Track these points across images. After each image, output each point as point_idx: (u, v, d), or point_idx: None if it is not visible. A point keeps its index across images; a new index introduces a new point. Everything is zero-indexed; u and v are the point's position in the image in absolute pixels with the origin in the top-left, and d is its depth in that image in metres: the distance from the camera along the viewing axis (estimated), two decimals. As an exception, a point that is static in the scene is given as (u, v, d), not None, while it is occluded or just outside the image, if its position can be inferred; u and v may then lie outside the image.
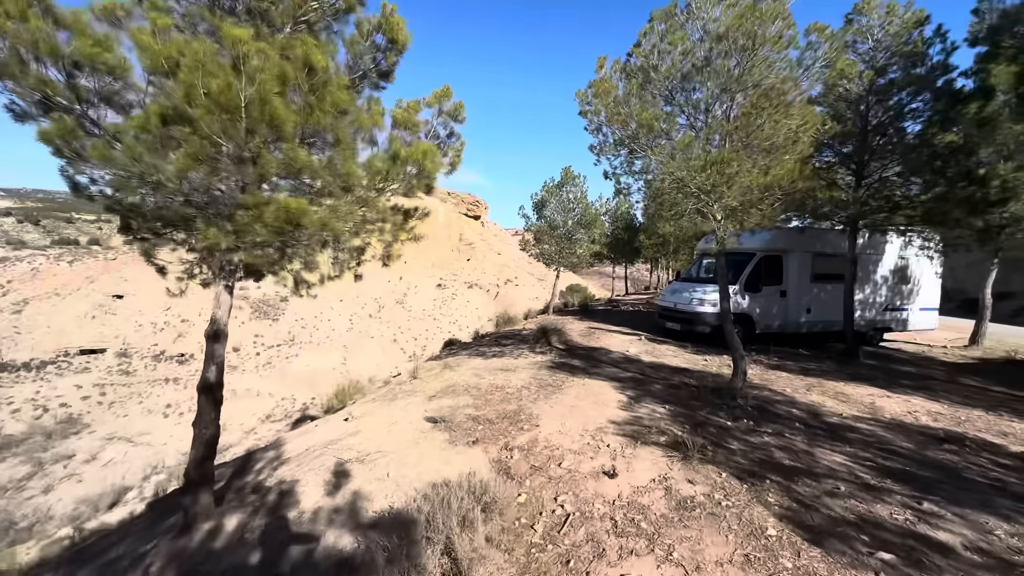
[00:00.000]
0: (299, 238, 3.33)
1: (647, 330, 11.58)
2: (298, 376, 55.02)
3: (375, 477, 4.27)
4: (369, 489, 4.05)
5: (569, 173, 15.64)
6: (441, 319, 67.20)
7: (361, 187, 3.55)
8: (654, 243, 23.94)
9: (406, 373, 8.55)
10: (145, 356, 55.86)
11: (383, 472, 4.39)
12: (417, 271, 73.14)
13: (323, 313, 64.26)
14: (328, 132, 3.39)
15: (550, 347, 9.44)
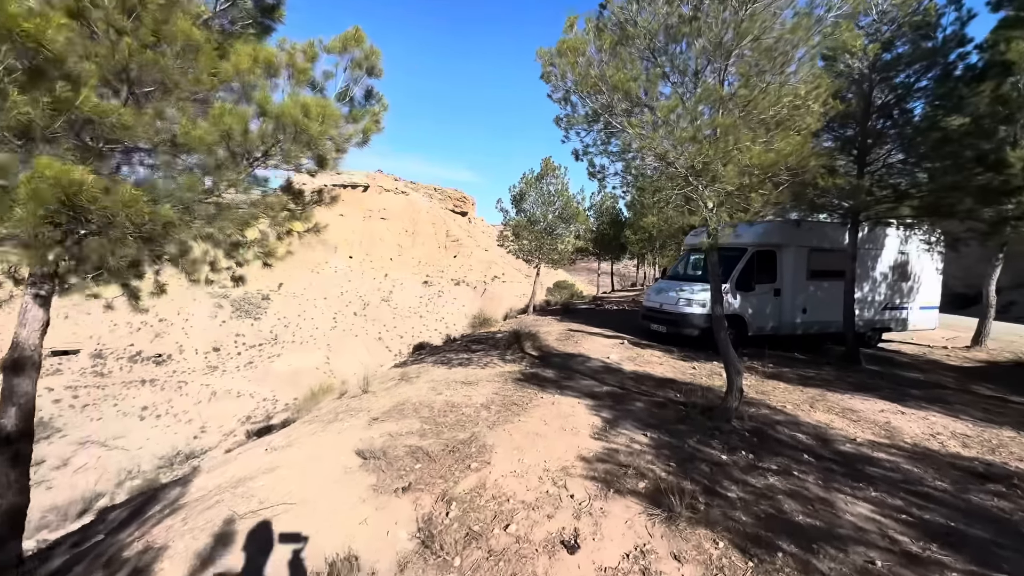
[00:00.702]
0: (99, 227, 2.24)
1: (631, 332, 10.61)
2: (280, 376, 53.45)
3: (259, 548, 3.20)
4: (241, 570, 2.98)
5: (549, 164, 14.59)
6: (427, 316, 65.92)
7: (208, 153, 2.47)
8: (640, 238, 23.02)
9: (356, 386, 7.46)
10: (121, 357, 53.92)
11: (275, 534, 3.33)
12: (403, 268, 71.71)
13: (306, 312, 62.59)
14: (152, 71, 2.30)
15: (523, 354, 8.40)
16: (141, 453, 42.66)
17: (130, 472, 40.53)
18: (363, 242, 70.83)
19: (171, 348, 54.90)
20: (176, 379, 51.52)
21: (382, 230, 72.68)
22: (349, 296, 64.70)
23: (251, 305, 60.52)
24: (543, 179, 14.72)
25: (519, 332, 8.82)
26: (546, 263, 15.26)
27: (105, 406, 48.20)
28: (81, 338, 54.47)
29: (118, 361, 53.16)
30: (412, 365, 9.05)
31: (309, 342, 57.45)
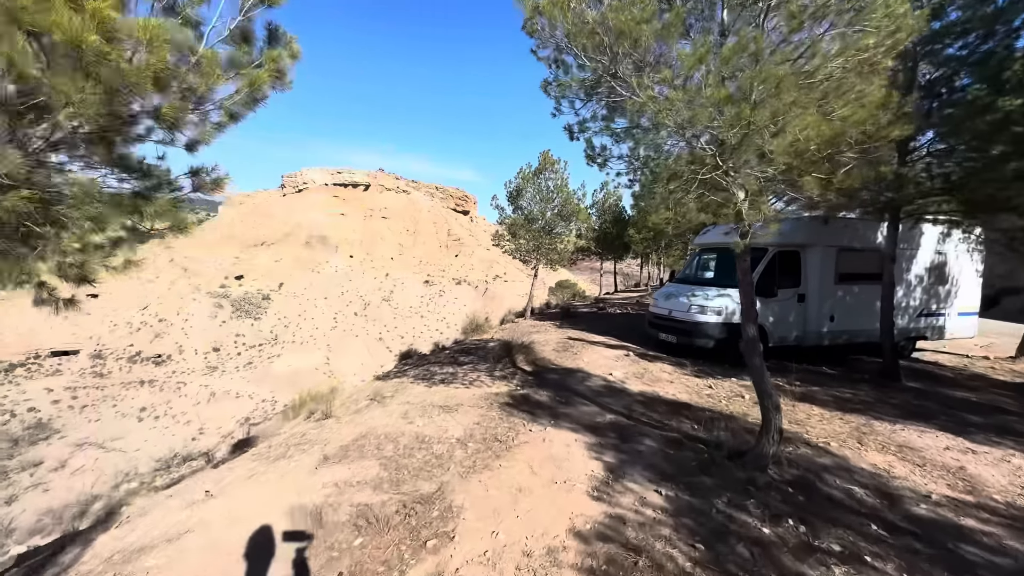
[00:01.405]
0: None
1: (637, 341, 9.52)
2: (280, 377, 52.60)
3: None
4: None
5: (548, 158, 13.49)
6: (428, 316, 64.95)
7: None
8: (644, 237, 21.87)
9: (319, 411, 6.41)
10: (120, 357, 53.26)
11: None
12: (404, 267, 70.74)
13: (307, 312, 61.74)
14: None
15: (514, 369, 7.33)
16: (139, 455, 41.93)
17: (127, 475, 39.73)
18: (364, 241, 69.91)
19: (171, 348, 54.18)
20: (175, 380, 50.79)
21: (383, 229, 71.75)
22: (350, 296, 63.81)
23: (251, 305, 59.73)
24: (541, 174, 13.63)
25: (511, 344, 7.75)
26: (544, 263, 14.18)
27: (104, 407, 47.55)
28: (81, 338, 53.87)
29: (117, 361, 52.49)
30: (393, 379, 8.00)
31: (309, 342, 56.59)
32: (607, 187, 25.50)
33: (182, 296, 58.24)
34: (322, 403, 9.00)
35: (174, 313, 57.30)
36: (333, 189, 72.94)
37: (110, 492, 29.70)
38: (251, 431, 9.37)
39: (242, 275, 62.36)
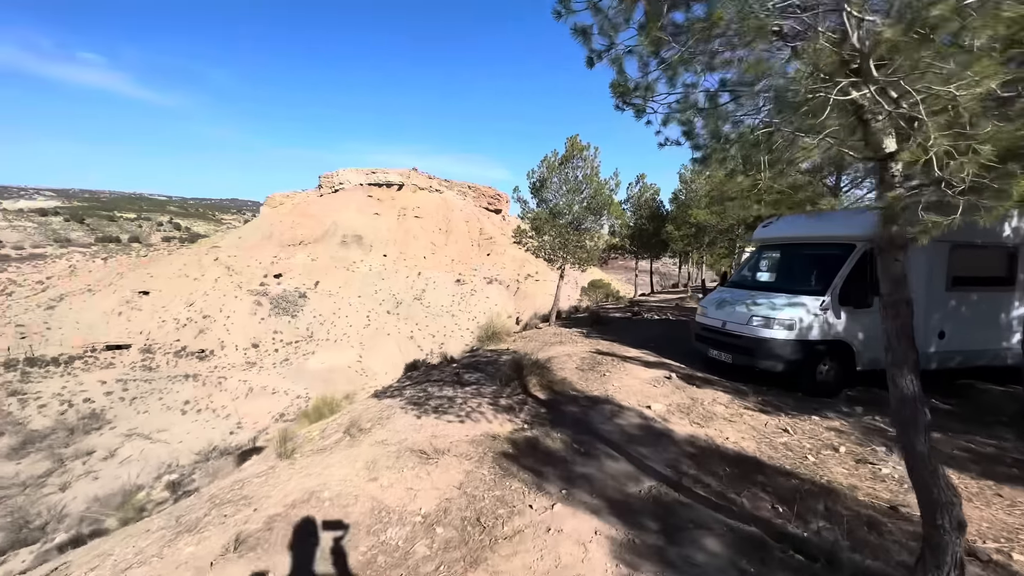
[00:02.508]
0: None
1: (679, 357, 7.74)
2: (314, 374, 52.96)
3: None
4: None
5: (576, 144, 11.80)
6: (460, 315, 64.16)
7: None
8: (685, 234, 19.76)
9: (274, 443, 5.07)
10: (168, 352, 55.02)
11: None
12: (436, 266, 70.19)
13: (341, 310, 62.15)
14: None
15: (525, 396, 5.77)
16: (181, 447, 42.98)
17: (169, 466, 40.75)
18: (397, 240, 69.88)
19: (213, 344, 55.58)
20: (217, 375, 51.97)
21: (416, 228, 71.52)
22: (383, 295, 63.82)
23: (288, 303, 60.64)
24: (568, 162, 11.95)
25: (521, 362, 6.17)
26: (572, 263, 12.50)
27: (151, 399, 49.14)
28: (133, 333, 55.98)
29: (165, 356, 54.26)
30: (386, 398, 6.62)
31: (343, 340, 56.84)
32: (643, 180, 23.45)
33: (224, 293, 59.76)
34: (307, 426, 7.72)
35: (217, 310, 58.85)
36: (368, 189, 73.34)
37: (152, 483, 29.59)
38: (187, 479, 8.18)
39: (281, 273, 63.46)
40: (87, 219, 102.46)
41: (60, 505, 35.16)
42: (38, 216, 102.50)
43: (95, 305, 57.50)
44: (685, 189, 20.28)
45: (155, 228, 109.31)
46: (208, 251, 65.76)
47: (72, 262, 71.05)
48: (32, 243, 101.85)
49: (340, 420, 6.11)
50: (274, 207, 70.51)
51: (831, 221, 6.66)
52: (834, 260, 6.33)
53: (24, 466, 39.66)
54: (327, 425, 6.35)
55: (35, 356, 50.05)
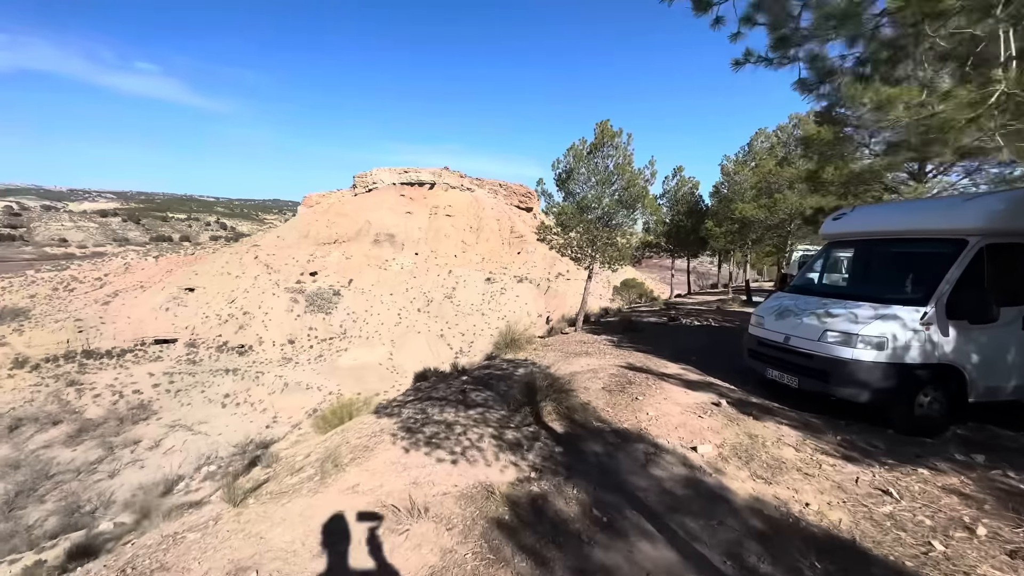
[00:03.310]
0: None
1: (727, 376, 6.43)
2: (346, 370, 53.46)
3: None
4: None
5: (606, 130, 10.53)
6: (489, 314, 63.42)
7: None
8: (727, 230, 18.04)
9: (222, 488, 4.18)
10: (210, 347, 56.85)
11: None
12: (466, 265, 69.68)
13: (373, 307, 62.60)
14: None
15: (538, 428, 4.66)
16: (220, 439, 44.10)
17: (208, 458, 41.88)
18: (428, 239, 69.85)
19: (252, 339, 57.06)
20: (255, 369, 53.25)
21: (447, 227, 71.28)
22: (414, 293, 63.86)
23: (323, 300, 61.57)
24: (598, 151, 10.70)
25: (534, 384, 5.04)
26: (601, 262, 11.25)
27: (194, 392, 50.77)
28: (179, 328, 58.16)
29: (208, 350, 56.09)
30: (383, 417, 5.71)
31: (374, 337, 57.16)
32: (680, 174, 21.74)
33: (263, 291, 61.27)
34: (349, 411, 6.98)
35: (256, 306, 60.42)
36: (400, 188, 73.67)
37: (192, 473, 30.36)
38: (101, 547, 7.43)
39: (316, 271, 64.54)
40: (143, 219, 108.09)
41: (108, 492, 36.63)
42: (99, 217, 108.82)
43: (145, 301, 60.13)
44: (727, 182, 18.54)
45: (204, 228, 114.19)
46: (249, 250, 67.70)
47: (127, 260, 74.78)
48: (94, 242, 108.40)
49: (327, 444, 5.22)
50: (311, 207, 71.88)
51: (932, 210, 5.22)
52: (938, 260, 4.90)
53: (79, 452, 41.61)
54: (312, 450, 5.48)
55: (91, 349, 52.70)
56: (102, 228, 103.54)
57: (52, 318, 54.07)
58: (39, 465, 38.96)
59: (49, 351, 49.68)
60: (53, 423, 44.27)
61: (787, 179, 13.24)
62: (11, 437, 42.08)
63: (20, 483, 36.39)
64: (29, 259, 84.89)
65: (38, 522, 31.78)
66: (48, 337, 50.47)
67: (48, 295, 63.52)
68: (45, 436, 42.65)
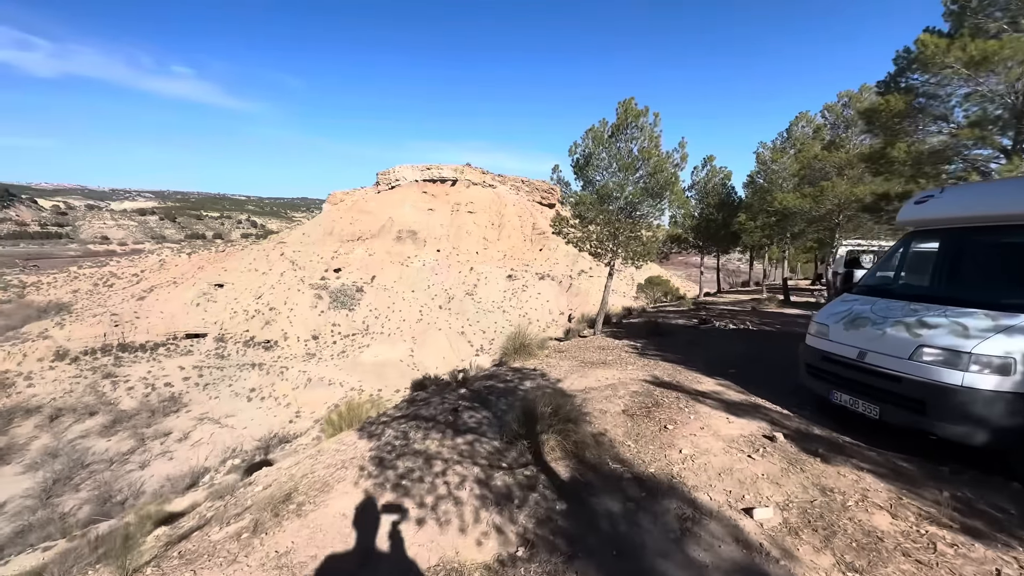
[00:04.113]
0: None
1: (776, 395, 5.22)
2: (368, 367, 53.43)
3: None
4: None
5: (630, 109, 9.31)
6: (511, 312, 62.41)
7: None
8: (764, 223, 16.47)
9: (112, 557, 3.29)
10: (237, 341, 57.75)
11: None
12: (488, 262, 68.76)
13: (395, 304, 62.44)
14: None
15: (536, 470, 3.60)
16: (245, 433, 44.60)
17: (233, 450, 42.39)
18: (450, 236, 69.29)
19: (278, 335, 57.70)
20: (279, 364, 53.79)
21: (469, 224, 70.57)
22: (435, 290, 63.41)
23: (346, 296, 61.77)
24: (621, 133, 9.51)
25: (534, 410, 3.96)
26: (624, 258, 10.06)
27: (222, 386, 51.61)
28: (208, 323, 59.29)
29: (235, 345, 57.00)
30: (361, 438, 4.79)
31: (396, 334, 56.95)
32: (711, 163, 20.13)
33: (289, 287, 61.93)
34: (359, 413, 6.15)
35: (282, 302, 61.11)
36: (423, 185, 73.34)
37: (217, 466, 30.61)
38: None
39: (340, 268, 64.87)
40: (178, 217, 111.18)
41: (139, 482, 37.36)
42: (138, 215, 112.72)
43: (178, 296, 61.58)
44: (763, 171, 16.92)
45: (235, 225, 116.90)
46: (275, 246, 68.63)
47: (162, 257, 76.97)
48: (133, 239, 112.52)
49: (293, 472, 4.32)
50: (335, 204, 72.33)
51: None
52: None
53: (112, 443, 42.67)
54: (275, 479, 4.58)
55: (126, 342, 54.22)
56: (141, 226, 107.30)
57: (91, 312, 55.89)
58: (76, 454, 40.01)
59: (87, 344, 51.31)
60: (90, 414, 45.59)
61: (835, 164, 11.71)
62: (51, 427, 43.48)
63: (58, 472, 37.37)
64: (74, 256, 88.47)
65: (72, 510, 32.54)
66: (87, 331, 52.13)
67: (89, 290, 65.93)
68: (82, 426, 43.93)
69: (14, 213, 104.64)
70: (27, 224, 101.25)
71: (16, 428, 42.25)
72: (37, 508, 32.68)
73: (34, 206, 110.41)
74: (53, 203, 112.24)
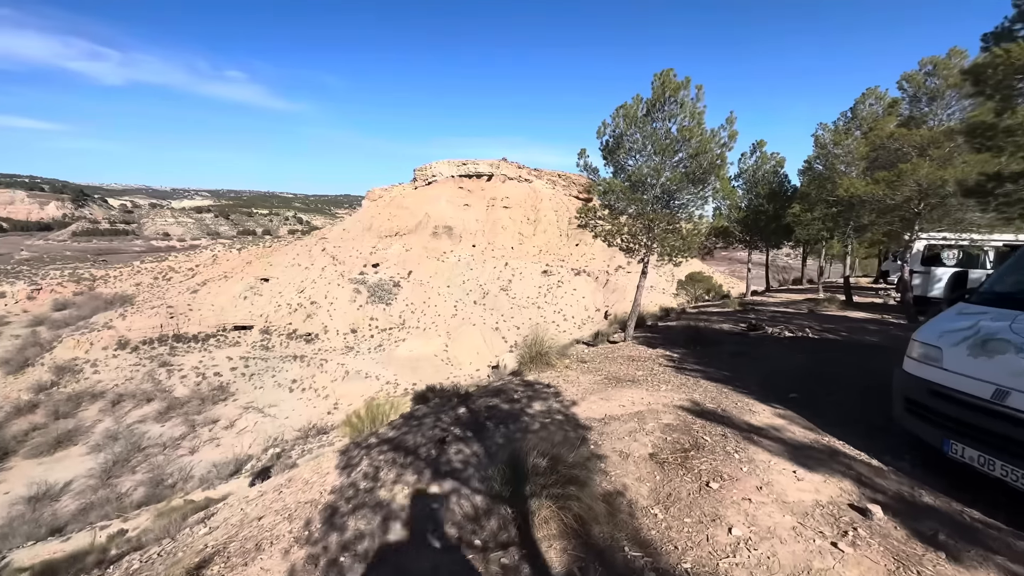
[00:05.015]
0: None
1: (858, 433, 3.95)
2: (403, 361, 53.78)
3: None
4: None
5: (669, 81, 7.99)
6: (545, 308, 61.18)
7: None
8: (824, 214, 14.53)
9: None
10: (281, 334, 59.62)
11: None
12: (523, 257, 67.71)
13: (431, 299, 62.59)
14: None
15: (520, 556, 2.58)
16: (286, 423, 45.86)
17: (275, 439, 43.61)
18: (485, 231, 68.70)
19: (318, 328, 59.15)
20: (319, 357, 55.08)
21: (504, 218, 69.72)
22: (470, 285, 63.06)
23: (384, 291, 62.49)
24: (658, 110, 8.21)
25: (522, 463, 2.92)
26: (660, 254, 8.78)
27: (266, 376, 53.39)
28: (255, 316, 61.56)
29: (279, 337, 58.90)
30: (332, 472, 3.94)
31: (431, 329, 57.04)
32: (761, 149, 18.18)
33: (329, 281, 63.30)
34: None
35: (323, 296, 62.57)
36: (459, 180, 73.08)
37: (260, 454, 31.25)
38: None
39: (378, 263, 65.68)
40: (231, 215, 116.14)
41: (188, 467, 39.03)
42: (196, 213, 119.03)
43: (228, 290, 64.23)
44: (823, 155, 14.95)
45: (283, 222, 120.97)
46: (317, 242, 70.37)
47: (215, 252, 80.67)
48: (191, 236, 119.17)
49: (231, 520, 3.50)
50: (374, 200, 73.34)
51: None
52: None
53: (166, 428, 44.88)
54: (196, 539, 3.80)
55: (180, 333, 57.04)
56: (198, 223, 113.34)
57: (150, 304, 59.16)
58: (133, 438, 42.22)
59: (146, 334, 54.27)
60: (147, 400, 48.17)
61: (916, 144, 9.89)
62: (113, 411, 46.22)
63: (117, 454, 39.44)
64: (138, 251, 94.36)
65: (128, 491, 34.30)
66: (145, 322, 55.15)
67: (149, 283, 70.02)
68: (140, 412, 46.44)
69: (88, 212, 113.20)
70: (99, 222, 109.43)
71: (83, 412, 45.20)
72: (98, 487, 34.67)
73: (105, 205, 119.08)
74: (121, 202, 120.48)
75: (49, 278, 67.36)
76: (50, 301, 60.88)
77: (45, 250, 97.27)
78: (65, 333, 53.33)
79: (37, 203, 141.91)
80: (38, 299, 61.21)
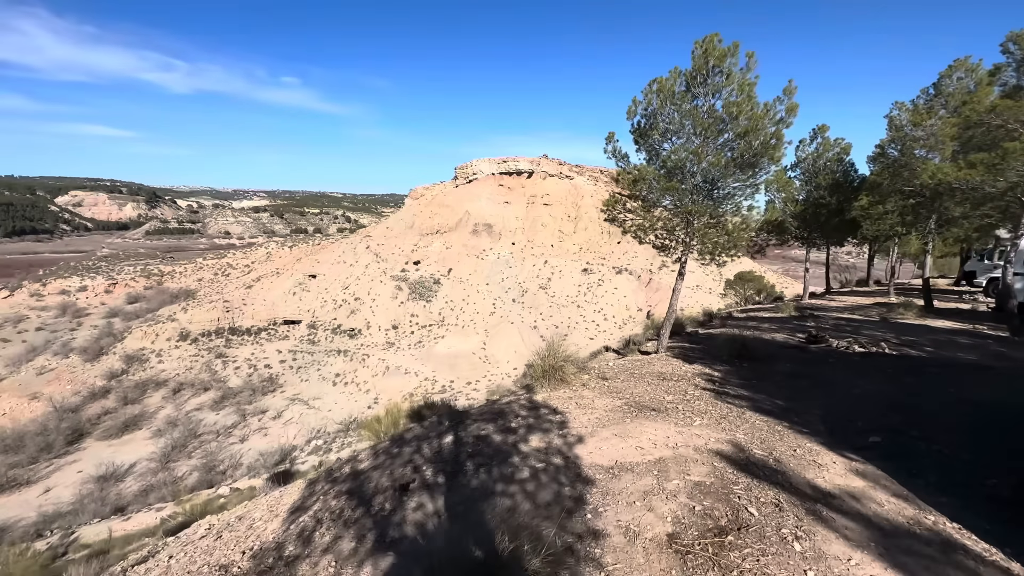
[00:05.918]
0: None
1: (976, 511, 2.75)
2: (441, 358, 53.91)
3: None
4: None
5: (712, 49, 6.73)
6: (585, 307, 59.52)
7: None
8: (898, 206, 12.50)
9: None
10: (327, 329, 61.42)
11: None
12: (563, 255, 66.25)
13: (469, 296, 62.48)
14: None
15: None
16: (329, 415, 47.08)
17: (318, 432, 44.83)
18: (525, 229, 67.79)
19: (361, 324, 60.46)
20: (362, 352, 56.23)
21: (544, 216, 68.52)
22: (509, 283, 62.42)
23: (424, 288, 63.03)
24: (699, 84, 6.98)
25: (468, 559, 2.06)
26: (701, 253, 7.52)
27: (312, 370, 55.16)
28: (303, 311, 63.83)
29: (324, 332, 60.75)
30: (289, 516, 3.20)
31: (469, 327, 56.89)
32: (823, 135, 16.11)
33: (372, 278, 64.59)
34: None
35: (366, 292, 63.94)
36: (499, 178, 72.57)
37: (303, 445, 31.97)
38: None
39: (419, 261, 66.35)
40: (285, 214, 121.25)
41: (238, 455, 40.77)
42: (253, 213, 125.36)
43: (279, 286, 66.93)
44: (899, 139, 12.87)
45: (332, 221, 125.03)
46: (362, 240, 72.04)
47: (269, 250, 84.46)
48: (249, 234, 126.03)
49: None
50: (416, 199, 74.21)
51: None
52: None
53: (220, 417, 47.15)
54: None
55: (235, 326, 59.95)
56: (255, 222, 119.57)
57: (209, 299, 62.57)
58: (191, 425, 44.54)
59: (204, 327, 57.37)
60: (204, 389, 50.81)
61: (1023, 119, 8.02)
62: (174, 399, 49.07)
63: (176, 439, 41.65)
64: (202, 249, 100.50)
65: (184, 475, 36.13)
66: (204, 315, 58.32)
67: (210, 279, 74.26)
68: (197, 400, 49.04)
69: (159, 212, 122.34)
70: (168, 221, 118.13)
71: (148, 398, 48.28)
72: (158, 471, 36.76)
73: (174, 206, 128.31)
74: (188, 203, 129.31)
75: (124, 273, 72.78)
76: (124, 295, 65.68)
77: (122, 247, 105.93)
78: (135, 324, 57.27)
79: (116, 204, 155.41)
80: (114, 292, 66.23)
